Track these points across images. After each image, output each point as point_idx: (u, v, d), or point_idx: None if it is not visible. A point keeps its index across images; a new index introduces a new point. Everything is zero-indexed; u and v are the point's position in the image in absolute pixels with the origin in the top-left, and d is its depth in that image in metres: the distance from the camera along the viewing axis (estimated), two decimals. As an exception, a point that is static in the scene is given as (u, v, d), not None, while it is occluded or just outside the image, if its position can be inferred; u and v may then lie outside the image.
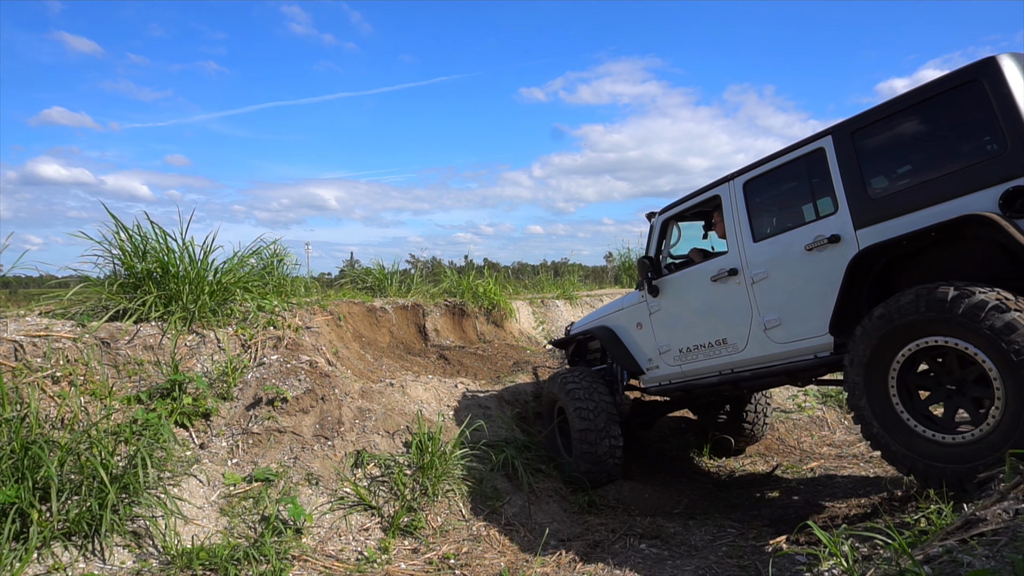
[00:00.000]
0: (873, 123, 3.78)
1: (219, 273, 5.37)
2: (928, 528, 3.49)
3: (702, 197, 4.79)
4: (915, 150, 3.73)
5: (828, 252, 3.92)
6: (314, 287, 7.82)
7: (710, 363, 4.77)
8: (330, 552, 3.93)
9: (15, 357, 4.11)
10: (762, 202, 4.46)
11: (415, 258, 14.88)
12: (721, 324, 4.62)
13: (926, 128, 3.65)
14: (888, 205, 3.65)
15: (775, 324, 4.27)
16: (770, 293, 4.27)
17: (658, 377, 5.23)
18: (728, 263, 4.50)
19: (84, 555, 3.32)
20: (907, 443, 3.47)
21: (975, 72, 3.35)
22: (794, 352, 4.23)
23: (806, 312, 4.08)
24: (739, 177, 4.49)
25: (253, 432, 4.47)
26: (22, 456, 3.30)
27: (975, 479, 3.20)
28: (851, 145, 3.85)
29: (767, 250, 4.29)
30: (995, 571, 2.00)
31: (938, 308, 3.27)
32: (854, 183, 3.82)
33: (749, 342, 4.45)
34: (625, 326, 5.48)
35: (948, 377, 3.43)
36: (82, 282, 5.11)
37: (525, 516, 4.80)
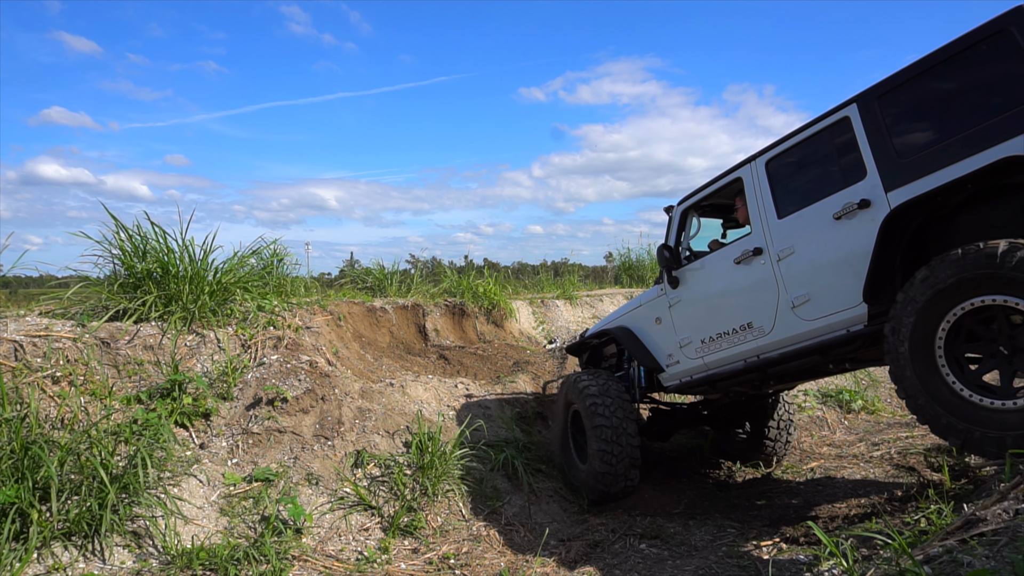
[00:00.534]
0: (899, 86, 3.69)
1: (219, 273, 5.37)
2: (928, 528, 3.49)
3: (722, 182, 4.67)
4: (944, 108, 3.61)
5: (859, 218, 3.77)
6: (314, 287, 7.83)
7: (734, 350, 4.57)
8: (330, 552, 3.93)
9: (15, 357, 4.11)
10: (786, 179, 4.33)
11: (415, 258, 14.88)
12: (746, 307, 4.44)
13: (955, 85, 3.55)
14: (919, 164, 3.52)
15: (803, 300, 4.10)
16: (797, 268, 4.12)
17: (679, 373, 5.04)
18: (752, 243, 4.35)
19: (84, 555, 3.32)
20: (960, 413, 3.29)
21: (1004, 23, 3.29)
22: (825, 328, 4.04)
23: (837, 284, 3.91)
24: (761, 157, 4.39)
25: (253, 432, 4.47)
26: (22, 456, 3.30)
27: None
28: (877, 110, 3.75)
29: (793, 225, 4.14)
30: (995, 571, 2.00)
31: (988, 264, 3.13)
32: (882, 147, 3.70)
33: (776, 323, 4.27)
34: (644, 323, 5.32)
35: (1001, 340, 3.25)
36: (82, 282, 5.11)
37: (525, 516, 4.80)
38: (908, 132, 3.70)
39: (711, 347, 4.72)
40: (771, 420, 6.07)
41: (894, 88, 3.71)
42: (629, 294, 11.73)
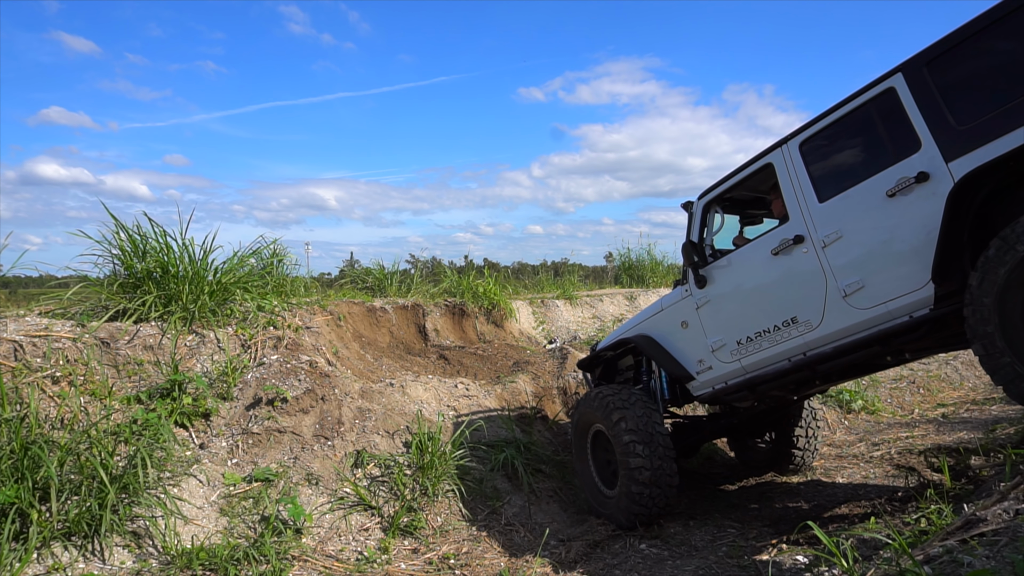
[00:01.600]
0: (951, 49, 3.45)
1: (219, 273, 5.37)
2: (928, 528, 3.49)
3: (749, 170, 4.33)
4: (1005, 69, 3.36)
5: (916, 193, 3.50)
6: (314, 287, 7.83)
7: (777, 349, 4.17)
8: (330, 552, 3.93)
9: (15, 357, 4.11)
10: (824, 160, 4.02)
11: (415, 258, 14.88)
12: (788, 301, 4.08)
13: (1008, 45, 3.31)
14: (982, 130, 3.28)
15: (856, 288, 3.77)
16: (847, 254, 3.80)
17: (712, 380, 4.59)
18: (791, 231, 4.01)
19: (84, 555, 3.32)
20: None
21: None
22: (884, 315, 3.71)
23: (895, 267, 3.63)
24: (794, 139, 4.09)
25: (253, 432, 4.47)
26: (22, 456, 3.30)
27: None
28: (927, 78, 3.50)
29: (838, 207, 3.83)
30: (995, 571, 2.00)
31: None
32: (937, 116, 3.45)
33: (826, 315, 3.93)
34: (667, 328, 4.88)
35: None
36: (82, 282, 5.11)
37: (525, 516, 4.80)
38: (965, 98, 3.44)
39: (749, 348, 4.32)
40: (798, 427, 5.68)
41: (946, 52, 3.46)
42: (629, 294, 11.74)
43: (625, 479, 4.52)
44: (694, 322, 4.65)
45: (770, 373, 4.25)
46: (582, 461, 5.11)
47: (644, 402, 4.75)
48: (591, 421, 4.96)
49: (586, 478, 5.07)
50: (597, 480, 4.99)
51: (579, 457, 5.14)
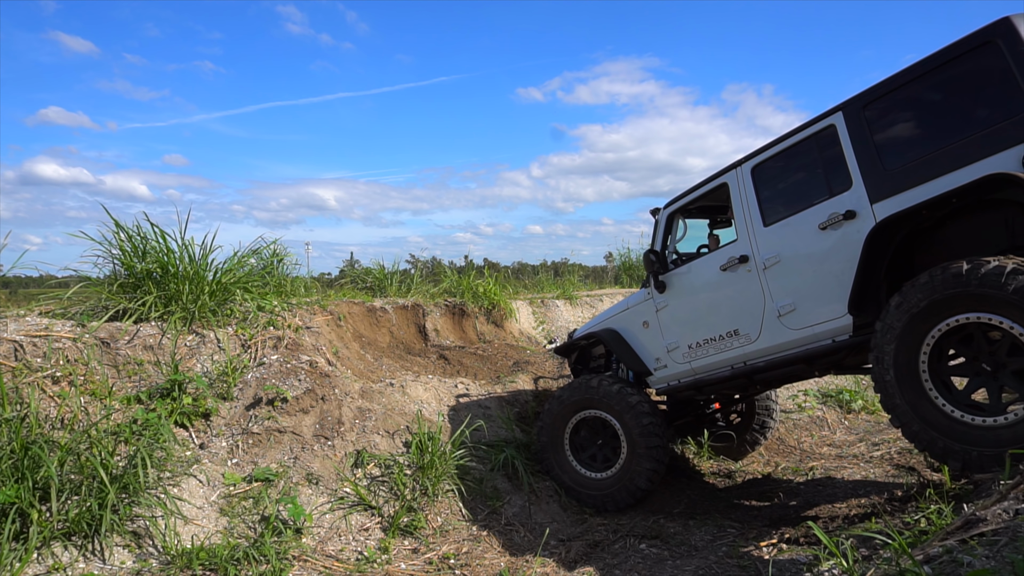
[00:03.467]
0: (885, 95, 3.71)
1: (219, 273, 5.37)
2: (928, 528, 3.49)
3: (708, 187, 4.68)
4: (930, 118, 3.61)
5: (844, 229, 3.82)
6: (314, 287, 7.83)
7: (722, 356, 4.62)
8: (330, 552, 3.93)
9: (15, 357, 4.11)
10: (771, 185, 4.34)
11: (415, 258, 14.89)
12: (732, 314, 4.49)
13: (941, 95, 3.56)
14: (904, 176, 3.55)
15: (789, 309, 4.16)
16: (783, 277, 4.16)
17: (667, 377, 5.07)
18: (738, 250, 4.39)
19: (84, 555, 3.32)
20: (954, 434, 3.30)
21: (990, 34, 3.29)
22: (811, 337, 4.10)
23: (822, 294, 3.97)
24: (747, 163, 4.40)
25: (253, 432, 4.47)
26: (22, 456, 3.30)
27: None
28: (863, 119, 3.77)
29: (779, 233, 4.17)
30: (995, 571, 2.00)
31: (956, 283, 3.19)
32: (868, 157, 3.72)
33: (763, 330, 4.32)
34: (631, 326, 5.31)
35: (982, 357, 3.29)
36: (82, 282, 5.11)
37: (525, 516, 4.80)
38: (894, 142, 3.71)
39: (698, 352, 4.76)
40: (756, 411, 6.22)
41: (880, 97, 3.73)
42: (629, 294, 11.74)
43: (640, 459, 4.90)
44: (654, 323, 5.09)
45: (714, 378, 4.69)
46: (558, 447, 5.32)
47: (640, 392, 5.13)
48: (582, 407, 5.23)
49: (563, 464, 5.30)
50: (577, 465, 5.25)
51: (555, 444, 5.34)
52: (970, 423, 3.25)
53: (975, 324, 3.21)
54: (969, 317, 3.21)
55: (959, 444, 3.29)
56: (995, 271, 3.10)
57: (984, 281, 3.12)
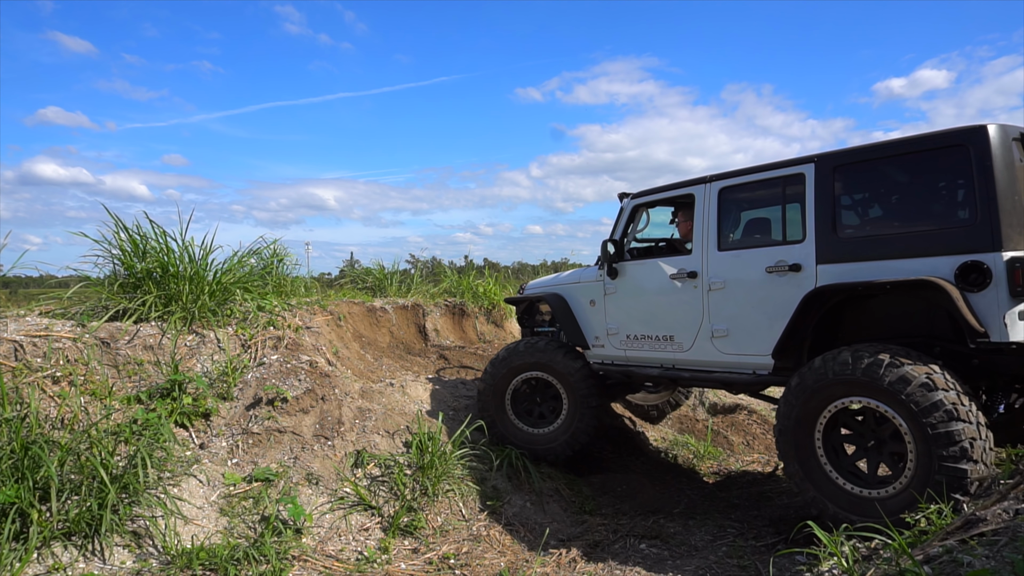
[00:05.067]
0: (856, 162, 3.83)
1: (219, 273, 5.37)
2: (928, 528, 3.49)
3: (677, 192, 4.82)
4: (890, 199, 3.79)
5: (787, 279, 4.00)
6: (314, 287, 7.83)
7: (654, 355, 4.87)
8: (330, 552, 3.92)
9: (15, 357, 4.11)
10: (734, 212, 4.52)
11: (415, 258, 14.88)
12: (671, 321, 4.70)
13: (905, 180, 3.71)
14: (853, 247, 3.74)
15: (722, 334, 4.39)
16: (724, 304, 4.36)
17: (602, 355, 5.30)
18: (689, 265, 4.56)
19: (84, 555, 3.32)
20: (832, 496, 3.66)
21: (963, 136, 3.39)
22: (735, 364, 4.37)
23: (754, 330, 4.21)
24: (717, 182, 4.48)
25: (253, 432, 4.47)
26: (22, 456, 3.30)
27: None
28: (831, 179, 3.88)
29: (730, 261, 4.34)
30: (995, 571, 2.00)
31: (842, 371, 3.52)
32: (825, 217, 3.86)
33: (695, 345, 4.56)
34: (578, 299, 5.44)
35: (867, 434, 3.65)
36: (82, 282, 5.11)
37: (525, 516, 4.80)
38: (852, 210, 3.89)
39: (635, 344, 5.00)
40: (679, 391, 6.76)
41: (852, 162, 3.83)
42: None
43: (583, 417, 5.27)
44: (599, 304, 5.25)
45: (643, 371, 4.99)
46: (500, 406, 5.54)
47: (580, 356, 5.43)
48: (527, 369, 5.46)
49: (505, 421, 5.53)
50: (519, 422, 5.51)
51: (497, 402, 5.55)
52: (848, 490, 3.59)
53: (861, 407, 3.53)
54: (854, 401, 3.55)
55: (833, 505, 3.65)
56: (874, 363, 3.41)
57: (865, 371, 3.44)
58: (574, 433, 5.28)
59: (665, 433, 7.16)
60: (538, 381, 5.51)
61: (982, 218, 3.31)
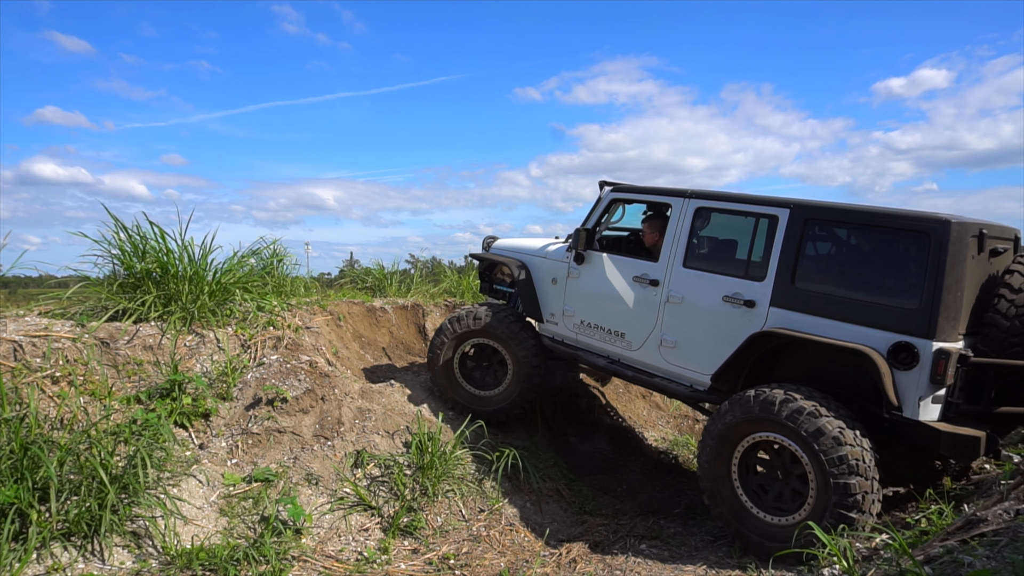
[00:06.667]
0: (827, 219, 4.04)
1: (218, 273, 5.37)
2: (929, 528, 3.49)
3: (655, 198, 4.99)
4: (849, 262, 4.00)
5: (740, 312, 4.21)
6: (314, 287, 7.82)
7: (603, 346, 5.06)
8: (330, 552, 3.92)
9: (15, 357, 4.11)
10: (705, 233, 4.65)
11: (415, 258, 14.85)
12: (626, 319, 4.88)
13: (867, 249, 3.91)
14: (804, 300, 3.96)
15: (671, 345, 4.62)
16: (678, 317, 4.56)
17: (554, 333, 5.45)
18: (653, 273, 4.71)
19: (84, 555, 3.31)
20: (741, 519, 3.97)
21: (929, 226, 3.60)
22: (676, 374, 4.63)
23: (700, 349, 4.44)
24: (696, 199, 4.62)
25: (253, 432, 4.46)
26: (22, 456, 3.30)
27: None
28: (801, 228, 4.05)
29: (691, 280, 4.51)
30: (996, 571, 2.00)
31: (746, 408, 3.87)
32: (788, 263, 4.05)
33: (643, 347, 4.78)
34: (542, 274, 5.52)
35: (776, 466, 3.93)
36: (81, 282, 5.10)
37: (525, 516, 4.80)
38: (813, 264, 4.07)
39: (587, 331, 5.18)
40: None
41: (823, 219, 4.04)
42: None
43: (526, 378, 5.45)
44: (561, 284, 5.37)
45: (590, 358, 5.17)
46: (448, 370, 5.66)
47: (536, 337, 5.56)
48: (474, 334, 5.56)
49: (453, 383, 5.66)
50: (467, 384, 5.65)
51: (445, 367, 5.66)
52: (755, 514, 3.92)
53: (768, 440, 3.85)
54: (761, 435, 3.85)
55: (736, 523, 3.98)
56: (769, 399, 3.76)
57: (763, 407, 3.78)
58: (519, 395, 5.47)
59: (665, 433, 7.16)
60: (484, 346, 5.62)
61: (924, 305, 3.54)
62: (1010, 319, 3.61)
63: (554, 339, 5.45)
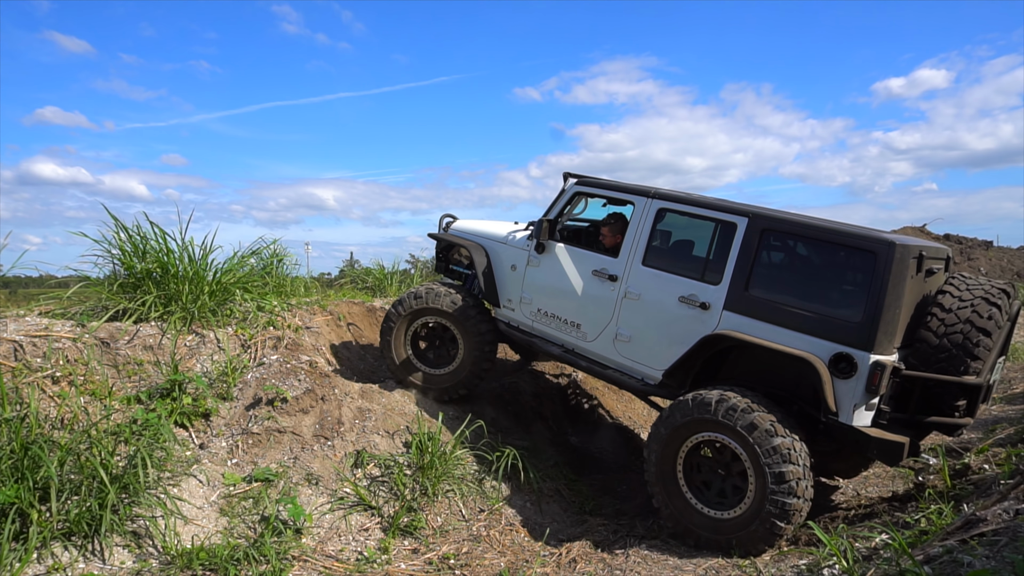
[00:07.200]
0: (784, 232, 4.22)
1: (219, 273, 5.37)
2: (928, 528, 3.49)
3: (618, 194, 5.05)
4: (800, 274, 4.22)
5: (695, 313, 4.39)
6: (314, 287, 7.82)
7: (558, 335, 5.16)
8: (330, 552, 3.92)
9: (15, 357, 4.11)
10: (666, 233, 4.80)
11: (415, 258, 14.84)
12: (583, 311, 4.98)
13: (818, 263, 4.14)
14: (755, 306, 4.16)
15: (625, 339, 4.74)
16: (635, 313, 4.68)
17: (510, 318, 5.50)
18: (613, 268, 4.82)
19: (84, 555, 3.32)
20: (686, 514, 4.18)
21: (876, 246, 3.83)
22: (628, 368, 4.77)
23: (654, 346, 4.60)
24: (660, 200, 4.72)
25: (253, 432, 4.46)
26: (22, 456, 3.30)
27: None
28: (759, 237, 4.23)
29: (649, 278, 4.63)
30: (995, 571, 2.00)
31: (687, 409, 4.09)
32: (743, 270, 4.24)
33: (598, 339, 4.89)
34: (502, 259, 5.54)
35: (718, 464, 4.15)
36: (82, 282, 5.10)
37: (525, 516, 4.80)
38: (766, 272, 4.28)
39: (543, 319, 5.26)
40: None
41: (781, 230, 4.23)
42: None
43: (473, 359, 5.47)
44: (520, 271, 5.42)
45: (544, 346, 5.25)
46: (400, 347, 5.65)
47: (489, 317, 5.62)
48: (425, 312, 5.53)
49: (404, 362, 5.65)
50: (418, 362, 5.65)
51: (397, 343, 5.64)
52: (700, 510, 4.14)
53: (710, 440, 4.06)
54: (702, 436, 4.07)
55: (686, 520, 4.18)
56: (705, 400, 4.00)
57: (700, 408, 4.02)
58: (468, 375, 5.49)
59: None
60: (436, 325, 5.61)
61: (866, 319, 3.78)
62: (939, 337, 3.88)
63: (510, 324, 5.50)
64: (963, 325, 3.84)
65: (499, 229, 5.75)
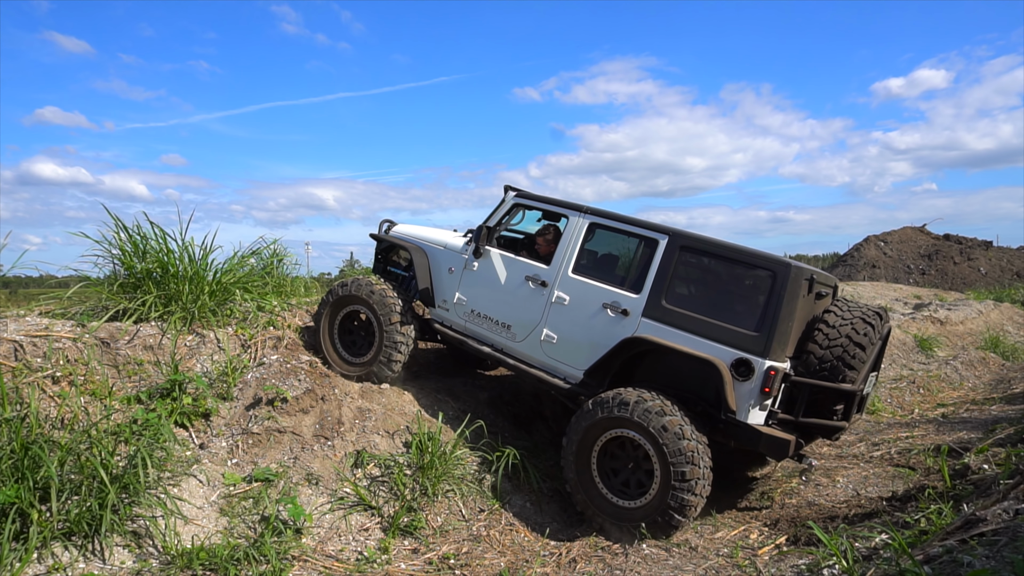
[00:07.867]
0: (698, 250, 4.68)
1: (219, 273, 5.37)
2: (928, 528, 3.49)
3: (553, 208, 5.42)
4: (709, 288, 4.69)
5: (616, 318, 4.79)
6: (314, 287, 7.83)
7: (490, 335, 5.44)
8: (330, 552, 3.93)
9: (15, 357, 4.11)
10: (595, 247, 5.18)
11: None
12: (513, 314, 5.29)
13: (725, 279, 4.64)
14: (671, 316, 4.60)
15: (551, 340, 5.08)
16: (562, 317, 5.03)
17: (445, 319, 5.72)
18: (544, 275, 5.16)
19: (84, 555, 3.32)
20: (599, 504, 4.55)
21: (774, 266, 4.36)
22: (552, 368, 5.11)
23: (577, 347, 4.95)
24: (591, 216, 5.12)
25: (253, 432, 4.46)
26: (22, 456, 3.30)
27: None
28: (676, 254, 4.69)
29: (577, 286, 5.00)
30: (995, 571, 2.00)
31: (602, 408, 4.46)
32: (660, 283, 4.68)
33: (526, 340, 5.21)
34: (440, 262, 5.77)
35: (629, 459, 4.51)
36: (82, 282, 5.11)
37: (525, 516, 4.80)
38: (679, 286, 4.73)
39: (476, 320, 5.52)
40: None
41: (694, 248, 4.68)
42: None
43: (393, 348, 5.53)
44: (457, 274, 5.67)
45: (476, 346, 5.48)
46: (329, 336, 5.75)
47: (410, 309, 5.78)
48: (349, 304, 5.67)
49: (331, 350, 5.73)
50: (343, 351, 5.74)
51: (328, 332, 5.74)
52: (608, 498, 4.53)
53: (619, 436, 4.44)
54: (617, 431, 4.45)
55: (597, 511, 4.54)
56: (625, 400, 4.39)
57: (619, 407, 4.40)
58: (387, 356, 5.55)
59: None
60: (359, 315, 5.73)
61: (762, 330, 4.28)
62: (823, 348, 4.44)
63: (443, 324, 5.69)
64: (843, 339, 4.42)
65: (437, 235, 6.03)
